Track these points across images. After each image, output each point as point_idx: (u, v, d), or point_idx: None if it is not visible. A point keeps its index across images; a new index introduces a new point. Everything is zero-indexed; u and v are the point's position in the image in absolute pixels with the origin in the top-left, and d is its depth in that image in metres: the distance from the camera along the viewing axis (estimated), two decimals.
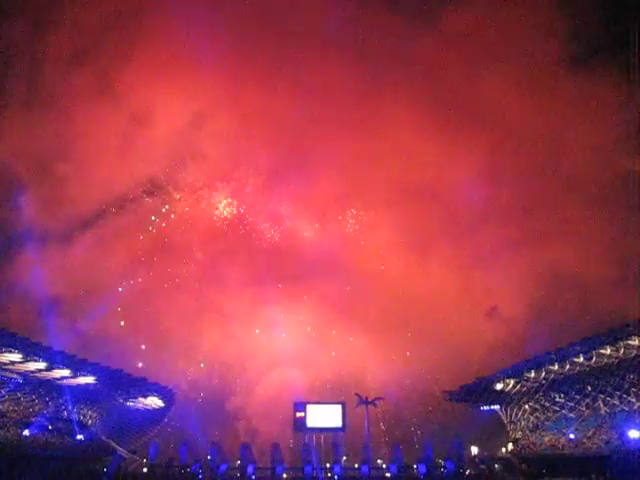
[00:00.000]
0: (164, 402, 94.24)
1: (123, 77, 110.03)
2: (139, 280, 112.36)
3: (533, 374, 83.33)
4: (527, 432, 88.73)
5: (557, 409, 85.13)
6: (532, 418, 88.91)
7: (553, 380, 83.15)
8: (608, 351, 72.02)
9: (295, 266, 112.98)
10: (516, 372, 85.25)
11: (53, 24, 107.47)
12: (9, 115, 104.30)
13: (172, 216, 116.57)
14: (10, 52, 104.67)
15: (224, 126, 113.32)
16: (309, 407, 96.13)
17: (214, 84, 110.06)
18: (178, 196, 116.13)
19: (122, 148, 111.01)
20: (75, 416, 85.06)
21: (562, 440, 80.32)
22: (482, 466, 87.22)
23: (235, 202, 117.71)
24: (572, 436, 78.67)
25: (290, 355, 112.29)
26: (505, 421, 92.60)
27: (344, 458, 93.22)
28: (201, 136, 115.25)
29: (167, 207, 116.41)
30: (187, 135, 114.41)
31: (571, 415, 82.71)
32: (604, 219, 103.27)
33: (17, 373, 75.26)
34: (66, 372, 76.61)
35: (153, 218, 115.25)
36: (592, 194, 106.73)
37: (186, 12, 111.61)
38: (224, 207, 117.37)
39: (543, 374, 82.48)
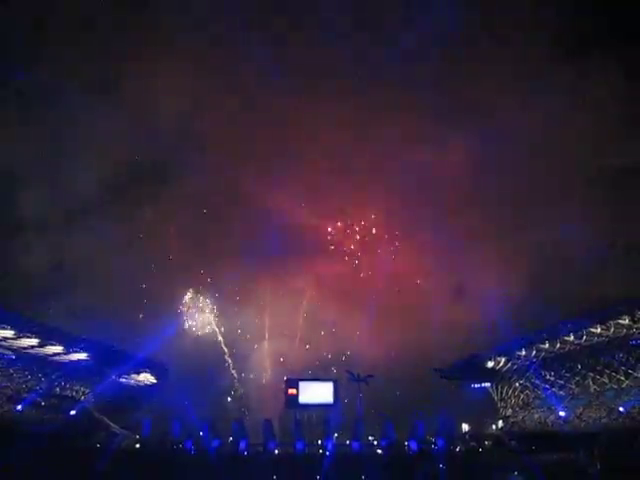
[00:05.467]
0: (156, 378, 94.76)
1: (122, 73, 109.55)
2: (133, 259, 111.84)
3: (524, 352, 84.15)
4: (517, 409, 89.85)
5: (547, 387, 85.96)
6: (522, 396, 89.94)
7: (544, 358, 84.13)
8: (598, 330, 72.90)
9: (288, 248, 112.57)
10: (507, 350, 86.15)
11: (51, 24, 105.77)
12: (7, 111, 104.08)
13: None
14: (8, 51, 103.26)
15: (224, 116, 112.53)
16: (301, 384, 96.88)
17: (212, 80, 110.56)
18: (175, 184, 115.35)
19: (119, 137, 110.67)
20: (68, 392, 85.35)
21: (552, 417, 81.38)
22: (472, 443, 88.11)
23: (234, 187, 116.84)
24: (562, 414, 79.64)
25: (282, 332, 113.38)
26: (495, 399, 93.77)
27: (335, 435, 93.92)
28: (199, 126, 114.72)
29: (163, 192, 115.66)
30: (185, 124, 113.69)
31: (561, 393, 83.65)
32: (592, 207, 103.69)
33: (10, 349, 75.26)
34: (59, 348, 76.74)
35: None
36: (579, 185, 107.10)
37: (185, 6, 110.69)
38: (221, 192, 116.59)
39: (534, 352, 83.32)
